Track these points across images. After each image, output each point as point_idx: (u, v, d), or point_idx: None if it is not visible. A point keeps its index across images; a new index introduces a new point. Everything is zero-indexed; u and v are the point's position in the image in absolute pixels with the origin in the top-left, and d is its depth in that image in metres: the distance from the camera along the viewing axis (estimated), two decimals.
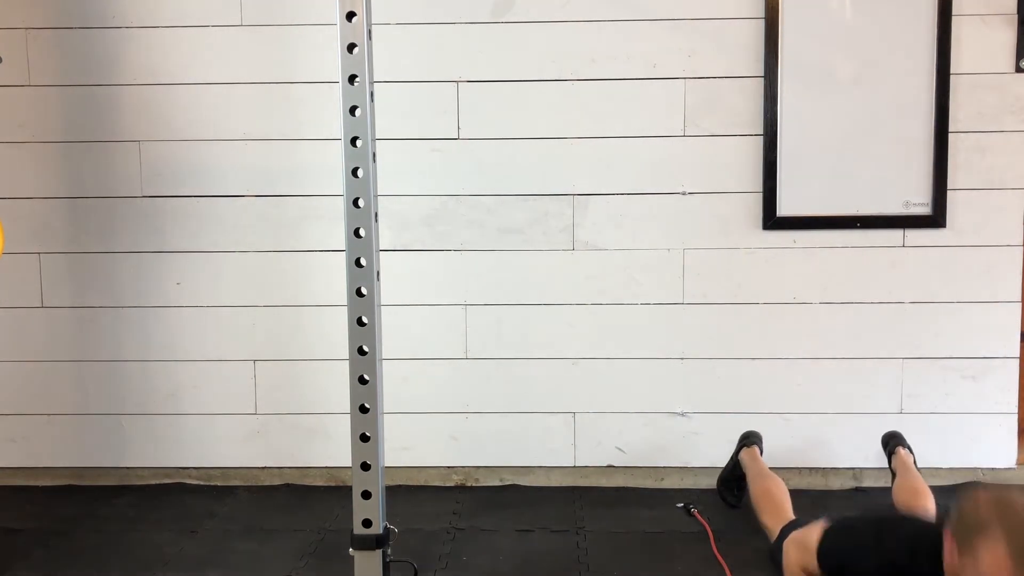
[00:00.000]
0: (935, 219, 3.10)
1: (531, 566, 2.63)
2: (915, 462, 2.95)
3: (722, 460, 3.23)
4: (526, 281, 3.20)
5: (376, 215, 2.11)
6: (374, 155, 2.08)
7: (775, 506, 2.66)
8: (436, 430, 3.27)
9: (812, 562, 2.11)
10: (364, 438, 2.13)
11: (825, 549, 2.09)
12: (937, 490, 3.18)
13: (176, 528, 2.92)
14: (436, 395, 3.25)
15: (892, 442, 3.03)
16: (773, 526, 2.55)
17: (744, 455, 3.01)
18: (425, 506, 3.09)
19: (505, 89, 3.13)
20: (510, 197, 3.17)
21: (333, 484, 3.30)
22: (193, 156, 3.19)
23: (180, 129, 3.18)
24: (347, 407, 2.14)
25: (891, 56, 3.06)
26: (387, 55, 3.06)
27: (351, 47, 2.01)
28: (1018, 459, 3.22)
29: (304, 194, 3.18)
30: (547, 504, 3.11)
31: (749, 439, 3.07)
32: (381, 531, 2.15)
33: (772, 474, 2.85)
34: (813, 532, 2.15)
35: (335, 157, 2.09)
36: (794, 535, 2.25)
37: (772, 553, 2.45)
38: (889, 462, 2.98)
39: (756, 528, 2.70)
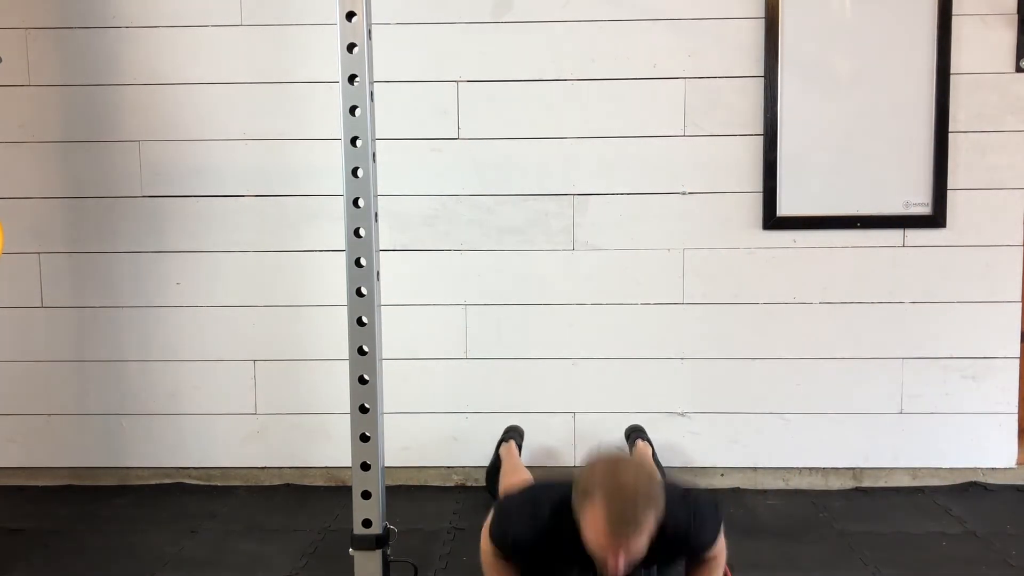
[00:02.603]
0: (935, 219, 3.11)
1: None
2: (654, 454, 3.00)
3: (722, 460, 3.24)
4: (526, 281, 3.20)
5: (376, 215, 2.11)
6: (374, 155, 2.08)
7: None
8: (436, 430, 3.26)
9: (491, 557, 2.13)
10: (364, 438, 2.13)
11: (492, 528, 2.12)
12: (937, 490, 3.19)
13: (176, 528, 2.92)
14: (436, 395, 3.25)
15: (634, 434, 3.09)
16: None
17: (503, 450, 3.02)
18: (425, 506, 3.09)
19: (505, 89, 3.13)
20: (510, 197, 3.17)
21: (333, 484, 3.30)
22: (193, 156, 3.19)
23: (180, 129, 3.18)
24: (347, 407, 2.14)
25: (891, 56, 3.06)
26: (387, 55, 3.06)
27: (351, 47, 2.01)
28: (1018, 459, 3.22)
29: (304, 194, 3.18)
30: None
31: (508, 434, 3.09)
32: (381, 531, 2.15)
33: (523, 470, 2.86)
34: (489, 515, 2.17)
35: (335, 157, 2.09)
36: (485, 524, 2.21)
37: None
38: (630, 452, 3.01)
39: (755, 528, 2.70)
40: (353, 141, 2.04)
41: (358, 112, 2.03)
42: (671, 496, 1.94)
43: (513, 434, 3.11)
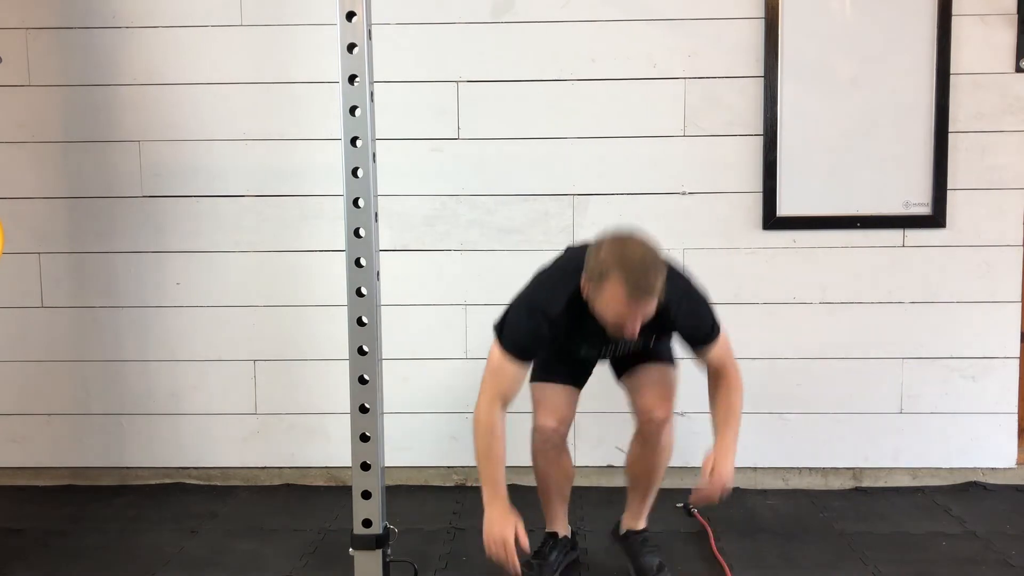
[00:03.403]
0: (935, 219, 3.11)
1: None
2: None
3: None
4: (526, 281, 3.19)
5: (376, 215, 2.11)
6: (374, 155, 2.08)
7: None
8: (436, 430, 3.26)
9: (495, 349, 2.31)
10: (364, 438, 2.13)
11: (503, 340, 2.30)
12: (937, 490, 3.19)
13: (176, 528, 2.92)
14: (436, 395, 3.25)
15: None
16: None
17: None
18: (425, 506, 3.09)
19: (505, 89, 3.13)
20: (510, 197, 3.17)
21: (333, 484, 3.30)
22: (193, 156, 3.19)
23: (180, 129, 3.18)
24: (347, 407, 2.14)
25: (891, 56, 3.06)
26: (387, 55, 3.06)
27: (351, 47, 2.01)
28: (1018, 459, 3.22)
29: (304, 194, 3.18)
30: None
31: None
32: (381, 531, 2.15)
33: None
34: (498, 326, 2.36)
35: (335, 157, 2.09)
36: None
37: None
38: None
39: (755, 528, 2.70)
40: (353, 141, 2.04)
41: (358, 112, 2.03)
42: (670, 267, 2.20)
43: None
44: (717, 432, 2.37)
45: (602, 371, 3.22)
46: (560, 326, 2.26)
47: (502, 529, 2.21)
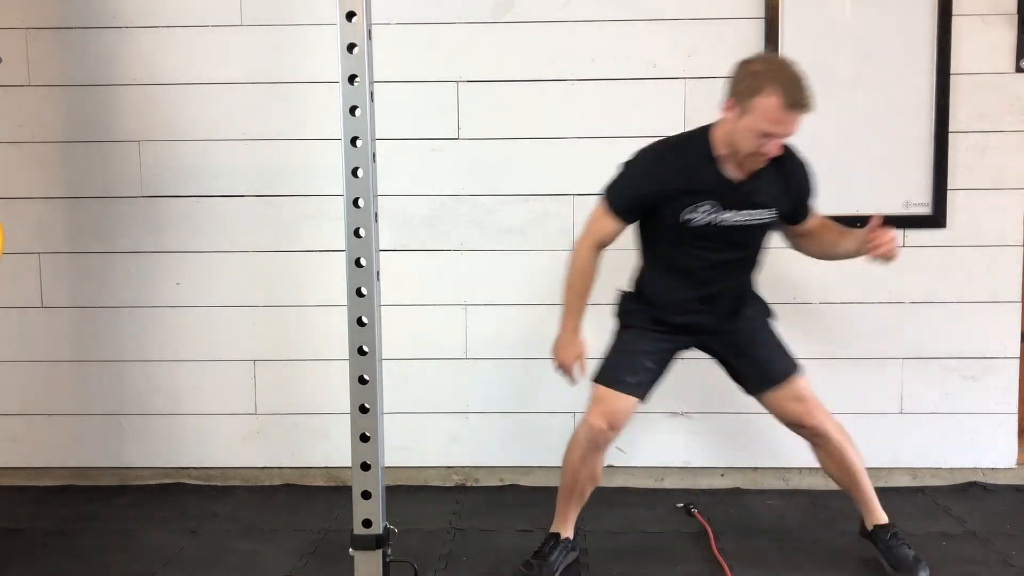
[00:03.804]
0: (935, 219, 3.11)
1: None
2: None
3: (722, 460, 3.24)
4: (526, 281, 3.20)
5: (376, 215, 2.11)
6: (374, 155, 2.08)
7: None
8: (436, 430, 3.26)
9: (599, 204, 2.46)
10: (364, 438, 2.13)
11: (611, 196, 2.45)
12: (937, 490, 3.19)
13: (176, 528, 2.92)
14: (436, 395, 3.25)
15: None
16: None
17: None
18: (425, 506, 3.09)
19: (505, 89, 3.13)
20: (510, 197, 3.17)
21: (333, 484, 3.30)
22: (193, 156, 3.19)
23: (180, 129, 3.18)
24: (347, 407, 2.14)
25: (891, 56, 3.06)
26: (387, 55, 3.06)
27: (351, 47, 2.01)
28: (1018, 459, 3.22)
29: (304, 194, 3.18)
30: (547, 504, 3.10)
31: None
32: (381, 531, 2.15)
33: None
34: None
35: (335, 157, 2.09)
36: None
37: None
38: None
39: (755, 528, 2.70)
40: (353, 141, 2.03)
41: (358, 112, 2.03)
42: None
43: None
44: (848, 234, 2.51)
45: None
46: (676, 167, 2.37)
47: (570, 351, 2.50)
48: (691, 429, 3.24)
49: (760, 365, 2.53)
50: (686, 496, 3.14)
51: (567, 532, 2.59)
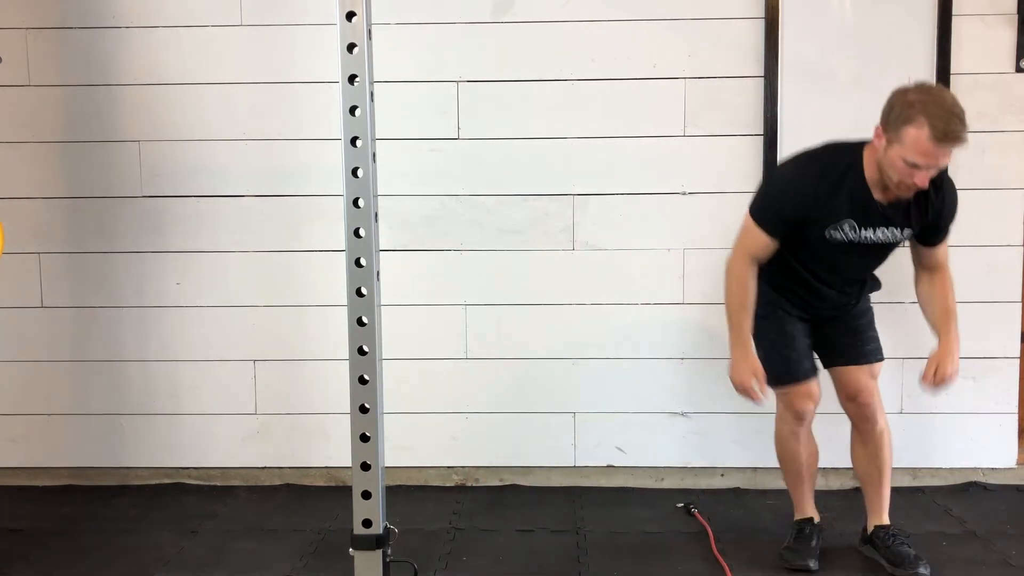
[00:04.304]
0: None
1: (531, 566, 2.63)
2: None
3: (722, 460, 3.24)
4: (526, 281, 3.20)
5: (376, 215, 2.10)
6: (374, 155, 2.07)
7: None
8: (436, 430, 3.26)
9: (748, 218, 2.42)
10: (364, 438, 2.12)
11: (758, 212, 2.41)
12: (937, 490, 3.19)
13: (176, 528, 2.92)
14: (436, 395, 3.25)
15: None
16: None
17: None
18: (425, 506, 3.09)
19: (505, 89, 3.13)
20: (510, 197, 3.17)
21: (333, 484, 3.30)
22: (193, 156, 3.19)
23: (180, 129, 3.18)
24: (347, 407, 2.13)
25: (891, 56, 3.06)
26: (387, 55, 3.05)
27: (351, 47, 2.00)
28: (1018, 459, 3.22)
29: (304, 194, 3.18)
30: (547, 504, 3.11)
31: None
32: (381, 531, 2.15)
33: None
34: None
35: (335, 157, 2.09)
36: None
37: None
38: None
39: (755, 528, 2.70)
40: (353, 141, 2.03)
41: (358, 112, 2.02)
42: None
43: None
44: (939, 331, 2.47)
45: (599, 364, 3.22)
46: (824, 192, 2.33)
47: (745, 369, 2.44)
48: (691, 429, 3.24)
49: (860, 342, 2.58)
50: (686, 496, 3.15)
51: (815, 514, 2.67)
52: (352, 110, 2.02)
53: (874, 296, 3.15)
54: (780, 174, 2.48)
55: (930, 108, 2.14)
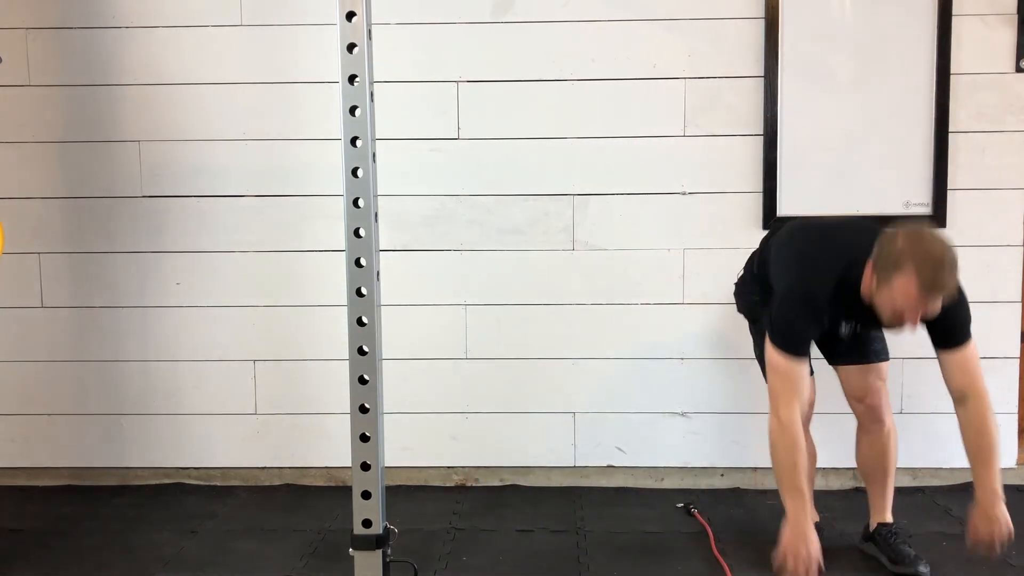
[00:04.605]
0: (935, 219, 3.10)
1: (531, 566, 2.63)
2: None
3: (722, 460, 3.24)
4: (526, 281, 3.20)
5: (376, 215, 2.10)
6: (374, 155, 2.07)
7: None
8: (436, 430, 3.26)
9: (775, 353, 2.29)
10: (364, 438, 2.12)
11: (777, 340, 2.29)
12: (937, 490, 3.19)
13: (176, 528, 2.92)
14: (436, 395, 3.25)
15: None
16: None
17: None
18: (425, 506, 3.09)
19: (505, 89, 3.13)
20: (510, 197, 3.17)
21: (333, 484, 3.30)
22: (193, 156, 3.19)
23: (180, 129, 3.18)
24: (347, 407, 2.13)
25: (891, 56, 3.06)
26: (387, 55, 3.06)
27: (351, 47, 2.00)
28: (1018, 459, 3.22)
29: (304, 194, 3.19)
30: (547, 504, 3.11)
31: None
32: (381, 531, 2.15)
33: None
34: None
35: (335, 157, 2.09)
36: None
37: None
38: None
39: (755, 528, 2.70)
40: (353, 141, 2.03)
41: (358, 112, 2.02)
42: None
43: None
44: (973, 473, 2.26)
45: (599, 364, 3.22)
46: (828, 312, 2.29)
47: (803, 547, 2.11)
48: (691, 429, 3.24)
49: (865, 342, 2.54)
50: (686, 496, 3.15)
51: (815, 515, 2.56)
52: (352, 110, 2.02)
53: None
54: (789, 302, 2.31)
55: (919, 257, 2.09)
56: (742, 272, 2.72)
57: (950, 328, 2.27)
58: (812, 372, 2.53)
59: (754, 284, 2.60)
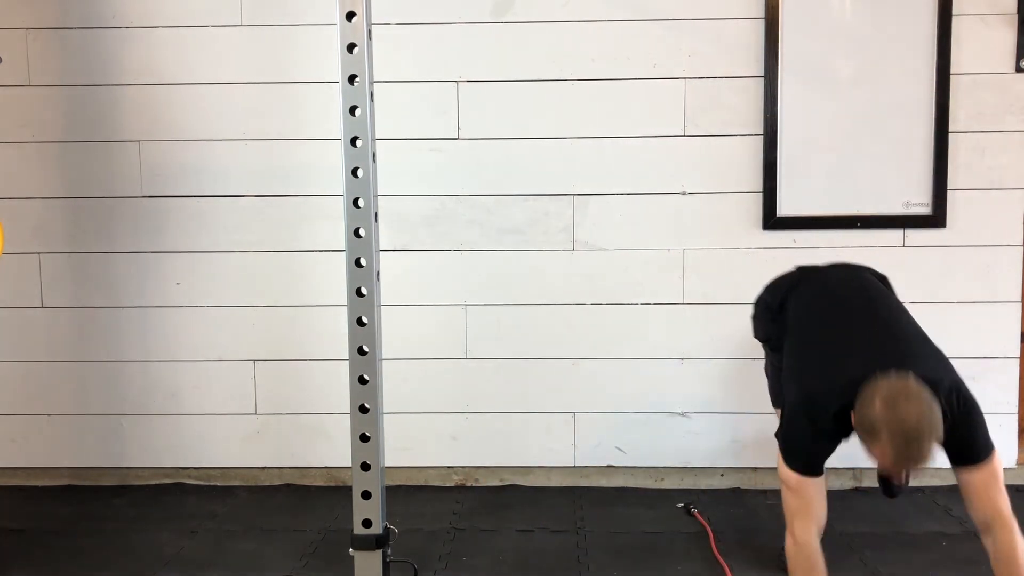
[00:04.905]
0: (935, 219, 3.11)
1: (531, 566, 2.63)
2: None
3: (722, 460, 3.24)
4: (526, 281, 3.20)
5: (376, 215, 2.11)
6: (374, 155, 2.08)
7: None
8: (436, 430, 3.26)
9: (787, 471, 2.21)
10: (364, 438, 2.13)
11: (787, 460, 2.21)
12: (937, 490, 3.19)
13: (176, 528, 2.92)
14: (436, 395, 3.25)
15: None
16: None
17: None
18: (425, 506, 3.09)
19: (505, 89, 3.13)
20: (510, 197, 3.17)
21: (333, 484, 3.30)
22: (193, 156, 3.19)
23: (180, 129, 3.18)
24: (347, 407, 2.14)
25: (891, 56, 3.06)
26: (387, 55, 3.06)
27: (351, 47, 2.01)
28: (1018, 459, 3.22)
29: (304, 194, 3.18)
30: (547, 504, 3.11)
31: None
32: (381, 531, 2.15)
33: None
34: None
35: (335, 157, 2.10)
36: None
37: None
38: None
39: (755, 528, 2.70)
40: (353, 141, 2.04)
41: (358, 112, 2.03)
42: (946, 403, 2.04)
43: None
44: None
45: (599, 365, 3.22)
46: (835, 439, 2.19)
47: None
48: (691, 429, 3.24)
49: None
50: (686, 496, 3.15)
51: None
52: (352, 110, 2.03)
53: None
54: (790, 436, 2.23)
55: (892, 427, 1.94)
56: (761, 299, 2.63)
57: (965, 445, 2.09)
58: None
59: (772, 325, 2.55)
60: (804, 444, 2.19)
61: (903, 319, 2.34)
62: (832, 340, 2.30)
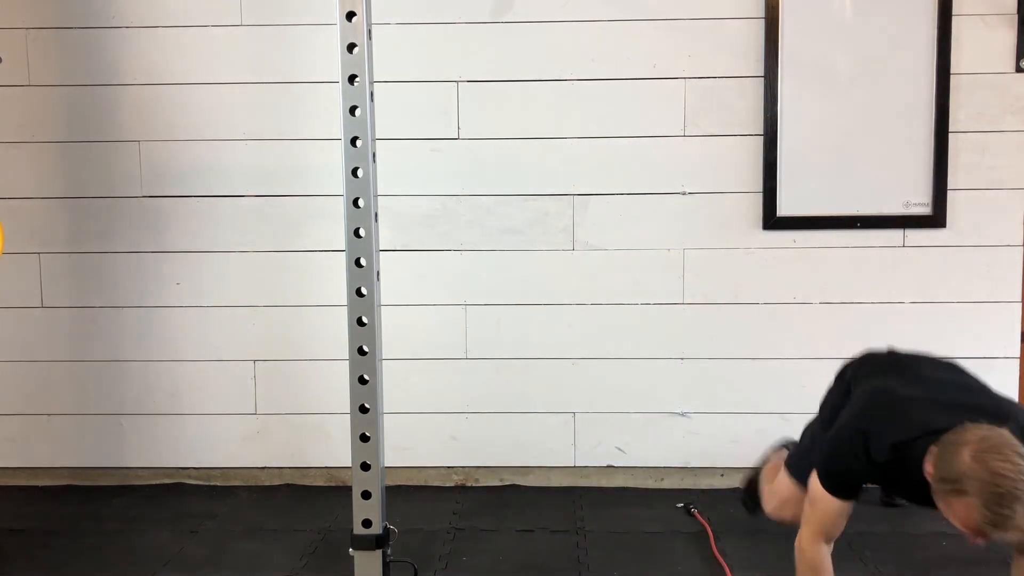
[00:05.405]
0: (935, 219, 3.11)
1: (531, 566, 2.63)
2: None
3: (722, 460, 3.24)
4: (526, 281, 3.20)
5: (376, 215, 2.11)
6: (374, 155, 2.08)
7: None
8: (436, 430, 3.26)
9: (819, 486, 2.09)
10: (364, 438, 2.13)
11: (824, 478, 2.08)
12: None
13: (176, 528, 2.92)
14: (436, 395, 3.25)
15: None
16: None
17: (774, 454, 2.85)
18: (425, 506, 3.09)
19: (505, 89, 3.13)
20: (510, 197, 3.17)
21: (333, 484, 3.30)
22: (193, 156, 3.19)
23: (180, 129, 3.18)
24: (347, 407, 2.14)
25: (891, 56, 3.06)
26: (387, 55, 3.06)
27: (351, 47, 2.01)
28: None
29: (304, 194, 3.18)
30: (547, 504, 3.11)
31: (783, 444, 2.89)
32: (381, 531, 2.15)
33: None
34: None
35: (335, 157, 2.10)
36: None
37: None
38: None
39: (755, 529, 2.71)
40: (353, 141, 2.04)
41: (358, 112, 2.03)
42: None
43: (787, 443, 2.84)
44: None
45: (599, 364, 3.22)
46: (880, 473, 2.03)
47: None
48: (691, 429, 3.24)
49: None
50: (686, 496, 3.15)
51: None
52: (352, 110, 2.03)
53: (874, 296, 3.16)
54: (847, 451, 2.07)
55: (986, 486, 1.70)
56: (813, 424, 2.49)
57: None
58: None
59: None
60: (847, 463, 2.04)
61: (990, 387, 2.14)
62: (909, 384, 2.11)
